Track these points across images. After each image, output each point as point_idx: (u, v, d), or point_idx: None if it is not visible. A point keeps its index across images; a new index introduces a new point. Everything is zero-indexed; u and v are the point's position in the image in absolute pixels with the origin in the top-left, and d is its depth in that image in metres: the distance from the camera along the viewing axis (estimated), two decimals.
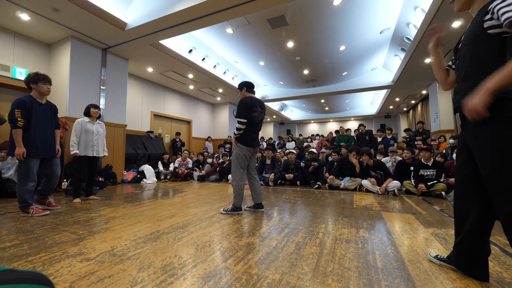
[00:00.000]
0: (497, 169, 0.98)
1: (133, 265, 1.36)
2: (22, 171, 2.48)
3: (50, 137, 2.65)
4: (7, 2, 3.61)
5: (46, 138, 2.61)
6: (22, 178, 2.48)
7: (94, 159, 3.44)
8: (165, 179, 6.12)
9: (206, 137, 9.65)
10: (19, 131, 2.39)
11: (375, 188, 4.05)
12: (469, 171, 1.18)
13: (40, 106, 2.58)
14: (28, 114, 2.46)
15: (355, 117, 14.86)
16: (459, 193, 1.25)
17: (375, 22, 5.22)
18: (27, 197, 2.47)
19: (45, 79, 2.57)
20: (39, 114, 2.55)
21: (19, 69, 4.41)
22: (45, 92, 2.59)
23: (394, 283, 1.19)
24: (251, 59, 7.07)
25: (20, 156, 2.39)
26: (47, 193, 2.76)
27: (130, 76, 6.66)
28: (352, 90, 8.64)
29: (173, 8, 3.91)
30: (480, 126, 1.03)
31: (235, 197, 2.62)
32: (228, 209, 2.64)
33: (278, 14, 4.71)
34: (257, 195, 2.72)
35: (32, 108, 2.49)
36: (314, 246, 1.67)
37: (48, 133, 2.64)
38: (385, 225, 2.20)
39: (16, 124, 2.37)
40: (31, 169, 2.48)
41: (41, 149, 2.55)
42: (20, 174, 2.48)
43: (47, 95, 2.66)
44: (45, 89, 2.58)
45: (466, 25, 4.37)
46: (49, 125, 2.67)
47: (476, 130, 1.06)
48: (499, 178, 0.98)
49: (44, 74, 2.59)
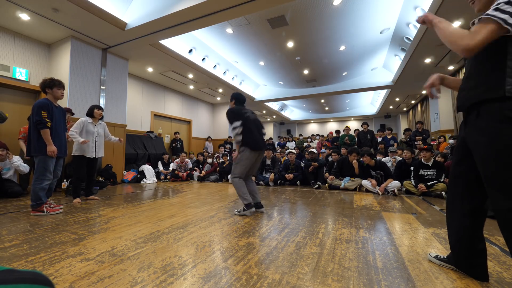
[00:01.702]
0: (495, 167, 1.00)
1: (133, 265, 1.36)
2: (40, 169, 2.59)
3: (64, 138, 2.84)
4: (7, 2, 3.61)
5: (62, 139, 2.79)
6: (39, 177, 2.58)
7: (94, 160, 3.45)
8: (165, 179, 6.12)
9: (206, 137, 9.64)
10: (47, 131, 2.57)
11: (375, 188, 4.05)
12: (464, 169, 1.20)
13: (56, 109, 2.74)
14: (51, 116, 2.63)
15: (355, 117, 14.86)
16: (452, 190, 1.27)
17: (375, 22, 5.22)
18: (41, 195, 2.55)
19: (59, 84, 2.74)
20: (56, 117, 2.72)
21: (19, 69, 4.41)
22: (59, 96, 2.75)
23: (394, 283, 1.19)
24: (251, 59, 7.07)
25: (53, 153, 2.59)
26: (49, 192, 2.78)
27: (130, 76, 6.66)
28: (352, 90, 8.64)
29: (173, 8, 3.91)
30: (481, 125, 1.04)
31: (240, 197, 2.59)
32: (240, 210, 2.61)
33: (278, 14, 4.71)
34: (253, 195, 2.69)
35: (52, 111, 2.66)
36: (314, 246, 1.67)
37: (63, 134, 2.83)
38: (385, 225, 2.20)
39: (46, 124, 2.55)
40: (49, 167, 2.63)
41: (58, 149, 2.70)
42: (37, 173, 2.58)
43: (61, 99, 2.81)
44: (59, 93, 2.74)
45: (466, 25, 4.37)
46: (63, 126, 2.86)
47: (477, 128, 1.06)
48: (497, 175, 1.00)
49: (59, 80, 2.76)
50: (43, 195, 2.57)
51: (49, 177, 2.64)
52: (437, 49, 5.33)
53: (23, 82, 4.48)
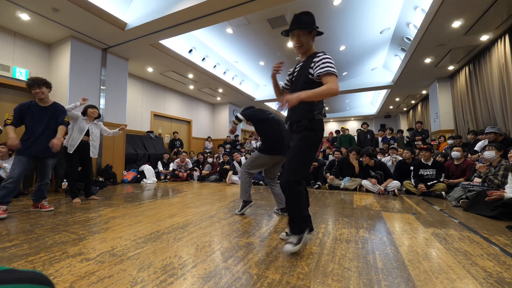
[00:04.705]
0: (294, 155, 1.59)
1: (133, 265, 1.36)
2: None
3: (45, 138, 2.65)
4: (7, 2, 3.61)
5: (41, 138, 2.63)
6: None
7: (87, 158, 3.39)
8: (165, 179, 6.12)
9: (206, 137, 9.64)
10: (7, 128, 2.53)
11: (375, 188, 4.05)
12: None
13: (39, 108, 2.66)
14: (21, 116, 2.59)
15: (355, 117, 14.85)
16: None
17: (375, 22, 5.22)
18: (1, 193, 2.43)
19: (32, 84, 2.60)
20: (36, 116, 2.64)
21: (19, 69, 4.41)
22: (37, 96, 2.64)
23: (394, 283, 1.19)
24: (251, 59, 7.07)
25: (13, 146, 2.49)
26: (39, 194, 2.73)
27: (130, 76, 6.66)
28: (352, 90, 8.64)
29: (173, 8, 3.91)
30: (298, 132, 1.62)
31: (242, 191, 2.56)
32: (240, 209, 2.59)
33: (278, 14, 4.71)
34: (279, 199, 2.55)
35: (28, 110, 2.60)
36: (314, 246, 1.67)
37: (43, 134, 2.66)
38: (385, 225, 2.20)
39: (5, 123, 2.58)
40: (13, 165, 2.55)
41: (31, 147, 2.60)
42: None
43: (42, 98, 2.66)
44: (35, 93, 2.62)
45: (466, 25, 4.37)
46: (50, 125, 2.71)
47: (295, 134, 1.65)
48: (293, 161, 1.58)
49: (33, 79, 2.61)
50: (3, 195, 2.42)
51: (11, 176, 2.48)
52: (437, 49, 5.33)
53: (23, 82, 4.47)
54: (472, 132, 5.11)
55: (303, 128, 1.58)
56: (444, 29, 4.48)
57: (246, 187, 2.56)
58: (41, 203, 2.75)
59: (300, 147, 1.58)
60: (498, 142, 3.89)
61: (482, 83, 5.44)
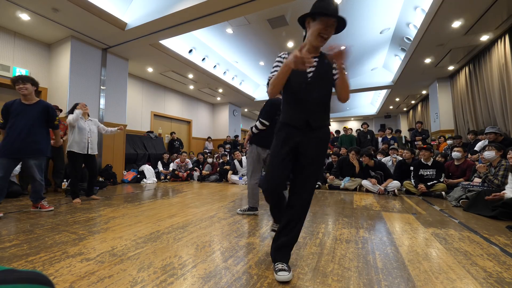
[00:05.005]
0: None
1: (133, 265, 1.36)
2: None
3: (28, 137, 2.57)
4: (7, 2, 3.61)
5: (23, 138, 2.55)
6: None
7: (91, 157, 3.38)
8: (165, 179, 6.12)
9: (206, 137, 9.64)
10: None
11: (375, 188, 4.05)
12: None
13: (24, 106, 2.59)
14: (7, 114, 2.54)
15: (355, 117, 14.85)
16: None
17: (375, 22, 5.21)
18: None
19: (16, 81, 2.55)
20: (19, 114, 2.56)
21: (19, 69, 4.41)
22: (21, 93, 2.57)
23: (394, 283, 1.19)
24: (251, 59, 7.07)
25: None
26: (35, 195, 2.71)
27: (130, 76, 6.66)
28: (352, 90, 8.62)
29: (173, 8, 3.91)
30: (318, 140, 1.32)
31: (248, 198, 2.58)
32: (244, 209, 2.61)
33: (278, 14, 4.71)
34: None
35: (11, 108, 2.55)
36: (314, 246, 1.67)
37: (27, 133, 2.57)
38: (385, 225, 2.20)
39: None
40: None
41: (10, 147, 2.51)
42: None
43: (25, 94, 2.59)
44: (19, 90, 2.56)
45: (466, 25, 4.37)
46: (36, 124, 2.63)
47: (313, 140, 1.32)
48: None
49: (16, 77, 2.57)
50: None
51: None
52: (437, 49, 5.33)
53: None
54: (472, 132, 5.11)
55: (326, 136, 1.35)
56: (444, 29, 4.48)
57: (253, 193, 2.56)
58: (41, 203, 2.74)
59: (322, 162, 1.39)
60: (498, 142, 3.89)
61: (482, 83, 5.44)
